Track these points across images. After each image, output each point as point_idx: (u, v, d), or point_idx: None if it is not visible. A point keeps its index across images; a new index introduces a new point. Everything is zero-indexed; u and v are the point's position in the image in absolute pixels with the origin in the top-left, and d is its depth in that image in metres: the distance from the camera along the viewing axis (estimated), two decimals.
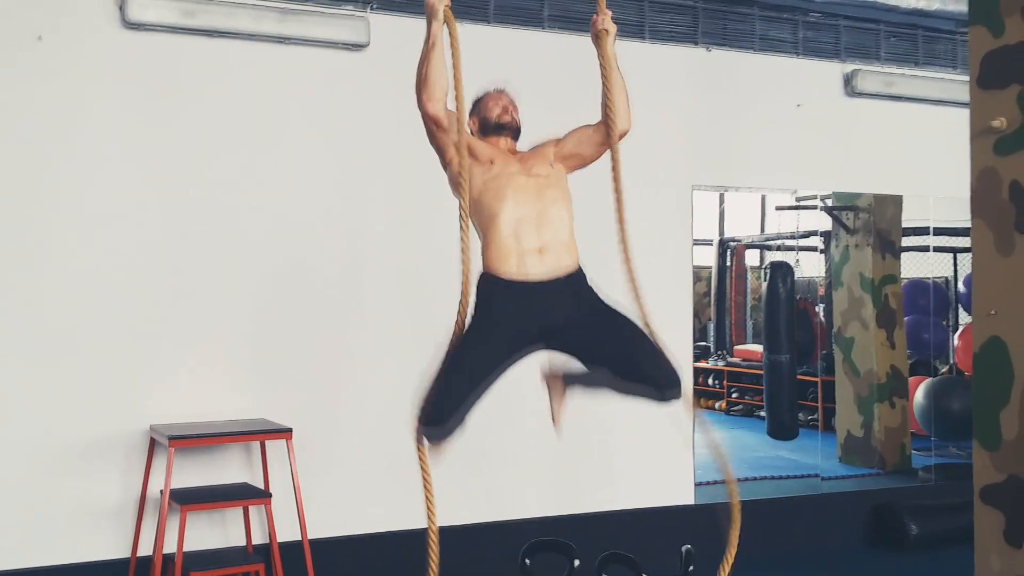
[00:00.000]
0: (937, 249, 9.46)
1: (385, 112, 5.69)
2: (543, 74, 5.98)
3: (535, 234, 3.31)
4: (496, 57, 5.06)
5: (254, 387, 5.45)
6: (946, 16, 7.04)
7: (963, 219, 4.49)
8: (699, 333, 13.12)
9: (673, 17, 6.61)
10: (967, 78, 7.34)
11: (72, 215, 5.11)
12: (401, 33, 5.78)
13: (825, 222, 8.91)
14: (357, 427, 5.65)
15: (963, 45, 7.40)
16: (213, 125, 5.38)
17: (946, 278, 10.19)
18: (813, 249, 10.32)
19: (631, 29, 6.48)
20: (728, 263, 13.85)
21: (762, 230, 13.07)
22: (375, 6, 5.78)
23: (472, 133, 3.48)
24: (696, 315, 7.60)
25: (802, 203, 9.38)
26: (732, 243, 13.67)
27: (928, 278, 9.61)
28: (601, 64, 3.45)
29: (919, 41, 7.30)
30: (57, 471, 5.03)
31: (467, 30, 4.37)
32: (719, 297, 13.76)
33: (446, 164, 3.44)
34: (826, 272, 9.62)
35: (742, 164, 6.83)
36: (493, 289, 3.29)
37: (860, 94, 7.06)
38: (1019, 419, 3.93)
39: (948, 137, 6.94)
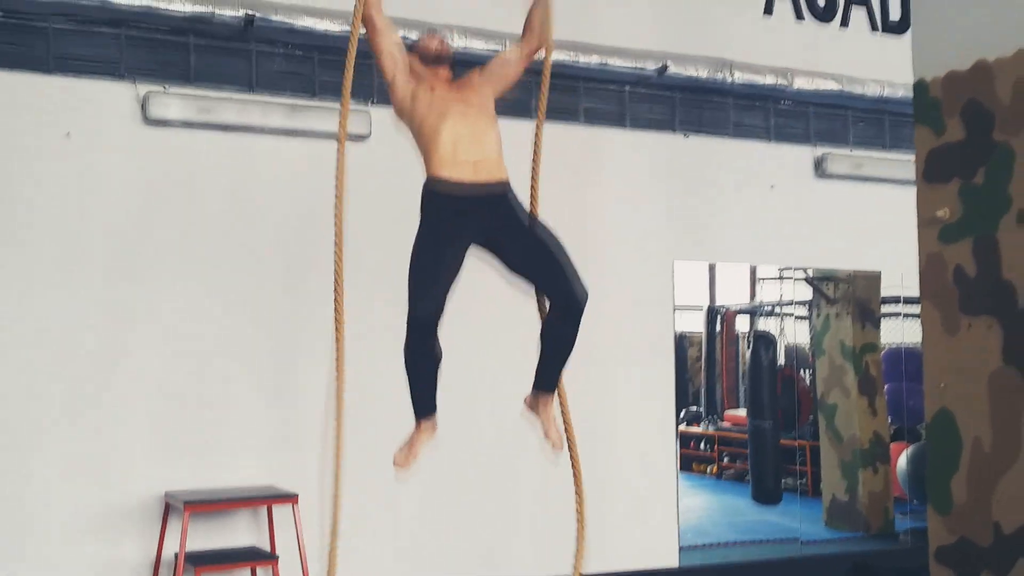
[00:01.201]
0: (908, 316, 9.77)
1: (385, 198, 6.06)
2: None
3: (470, 149, 3.74)
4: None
5: (263, 455, 5.74)
6: (910, 102, 7.41)
7: None
8: (691, 398, 13.36)
9: (652, 106, 7.03)
10: None
11: (95, 293, 5.45)
12: (399, 123, 6.19)
13: (809, 291, 9.24)
14: (361, 491, 5.91)
15: None
16: (226, 210, 5.75)
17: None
18: (803, 317, 10.64)
19: (613, 118, 6.90)
20: (718, 329, 14.15)
21: (752, 297, 13.39)
22: (375, 100, 6.19)
23: (411, 64, 3.92)
24: (689, 380, 7.90)
25: (784, 274, 9.74)
26: (721, 310, 13.98)
27: (904, 344, 9.91)
28: None
29: (885, 126, 7.72)
30: (79, 535, 5.30)
31: None
32: (709, 363, 14.02)
33: (390, 82, 3.90)
34: (810, 339, 9.93)
35: (721, 240, 7.20)
36: (436, 191, 3.75)
37: (830, 176, 7.45)
38: (967, 485, 4.21)
39: (910, 214, 7.32)
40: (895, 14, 7.96)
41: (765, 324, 12.15)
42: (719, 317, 14.05)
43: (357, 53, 6.12)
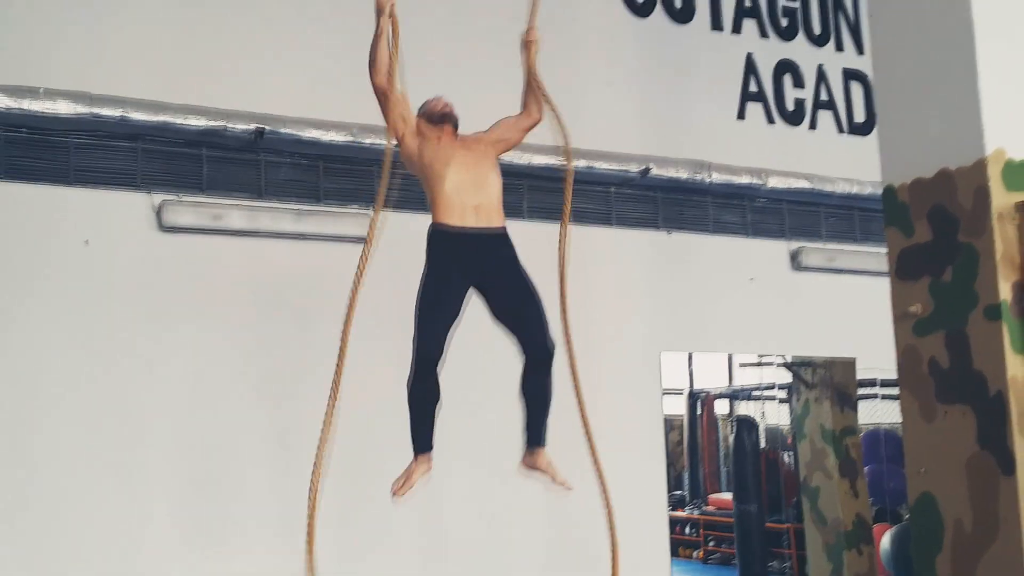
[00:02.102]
0: (886, 397, 10.03)
1: (387, 297, 6.29)
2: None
3: (473, 195, 4.04)
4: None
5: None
6: (878, 199, 7.82)
7: None
8: (675, 482, 13.48)
9: (637, 205, 7.37)
10: None
11: (111, 394, 5.62)
12: (400, 227, 6.47)
13: (788, 375, 9.50)
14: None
15: None
16: (237, 311, 5.96)
17: (897, 426, 10.71)
18: (783, 400, 10.87)
19: (600, 217, 7.22)
20: (699, 413, 14.34)
21: (730, 382, 13.64)
22: None
23: (418, 126, 4.25)
24: (671, 464, 8.09)
25: (764, 359, 10.01)
26: (702, 394, 14.20)
27: (882, 425, 10.14)
28: (528, 66, 4.24)
29: (855, 220, 8.09)
30: None
31: None
32: (692, 447, 14.18)
33: (399, 140, 4.20)
34: (791, 422, 10.14)
35: (704, 330, 7.47)
36: (441, 235, 4.07)
37: (806, 268, 7.79)
38: (951, 564, 4.40)
39: (885, 306, 7.64)
40: (859, 117, 8.42)
41: (746, 408, 12.40)
42: (700, 401, 14.29)
43: (356, 160, 6.47)
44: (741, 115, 7.92)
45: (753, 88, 8.03)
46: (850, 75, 8.50)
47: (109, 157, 5.78)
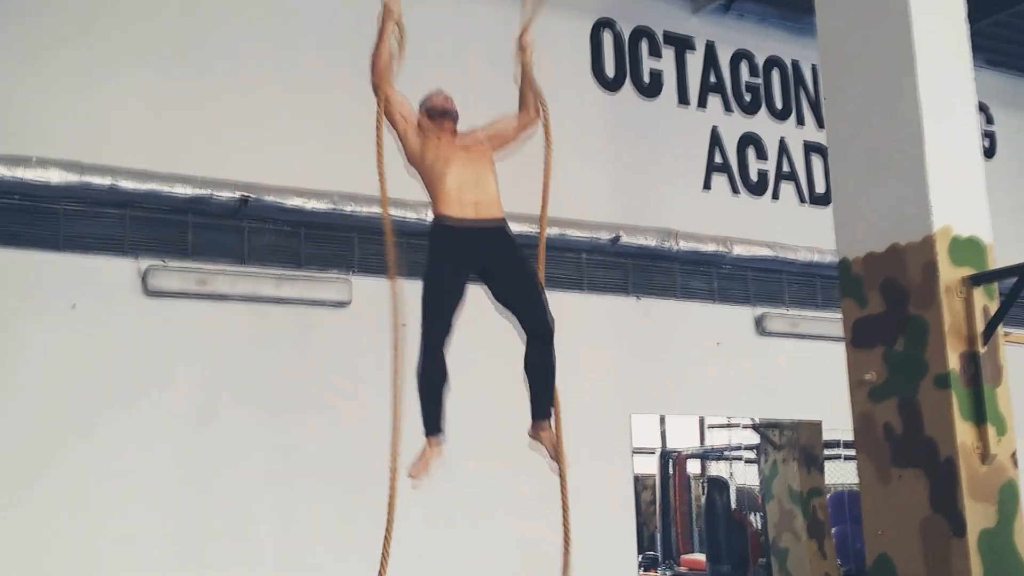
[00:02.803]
0: (849, 458, 10.19)
1: (366, 358, 6.44)
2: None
3: (472, 191, 4.20)
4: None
5: None
6: (836, 267, 8.11)
7: None
8: (647, 542, 13.50)
9: (607, 272, 7.58)
10: None
11: (102, 467, 5.69)
12: (378, 291, 6.64)
13: (756, 436, 9.65)
14: None
15: None
16: (218, 373, 6.08)
17: None
18: (751, 460, 11.00)
19: (572, 283, 7.42)
20: (671, 472, 14.41)
21: (701, 442, 13.75)
22: (356, 270, 6.65)
23: (420, 121, 4.35)
24: (644, 524, 8.18)
25: (732, 420, 10.16)
26: (674, 454, 14.28)
27: (848, 486, 10.29)
28: (523, 69, 4.40)
29: (817, 287, 8.35)
30: None
31: None
32: (664, 507, 14.22)
33: (402, 138, 4.33)
34: (759, 483, 10.27)
35: (673, 393, 7.64)
36: (443, 228, 4.19)
37: (770, 333, 8.01)
38: None
39: (843, 368, 7.87)
40: (820, 188, 8.73)
41: (716, 468, 12.50)
42: (671, 461, 14.38)
43: (337, 227, 6.64)
44: (707, 186, 8.20)
45: (718, 160, 8.33)
46: (810, 148, 8.82)
47: (98, 223, 5.93)
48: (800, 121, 8.84)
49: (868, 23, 5.15)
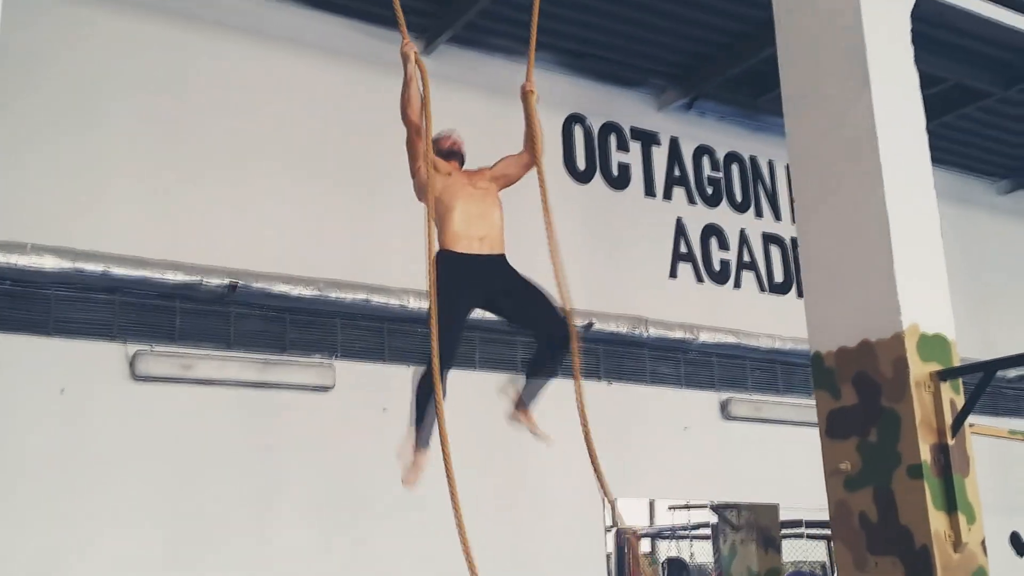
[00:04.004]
0: (811, 536, 10.37)
1: (348, 443, 6.48)
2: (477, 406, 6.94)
3: (479, 225, 4.46)
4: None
5: None
6: (797, 353, 8.40)
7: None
8: None
9: (580, 357, 7.73)
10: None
11: (88, 551, 5.61)
12: (360, 376, 6.75)
13: (714, 517, 9.79)
14: None
15: None
16: (204, 457, 6.07)
17: (823, 563, 11.04)
18: (705, 538, 11.10)
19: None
20: (626, 550, 14.43)
21: (651, 522, 13.85)
22: (339, 355, 6.73)
23: (434, 161, 4.57)
24: None
25: (692, 500, 10.29)
26: (629, 533, 14.31)
27: (805, 563, 10.43)
28: (527, 113, 4.69)
29: (778, 373, 8.61)
30: None
31: None
32: None
33: (414, 173, 4.54)
34: (715, 563, 10.37)
35: (642, 476, 7.76)
36: (449, 260, 4.39)
37: (734, 418, 8.22)
38: None
39: (808, 452, 8.08)
40: (778, 277, 9.06)
41: (676, 547, 12.58)
42: (627, 540, 14.42)
43: (321, 313, 6.73)
44: (673, 274, 8.46)
45: (683, 249, 8.62)
46: (769, 239, 9.17)
47: (88, 309, 5.95)
48: (759, 213, 9.19)
49: (834, 129, 5.47)
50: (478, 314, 7.07)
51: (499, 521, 6.81)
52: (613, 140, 8.54)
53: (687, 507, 10.44)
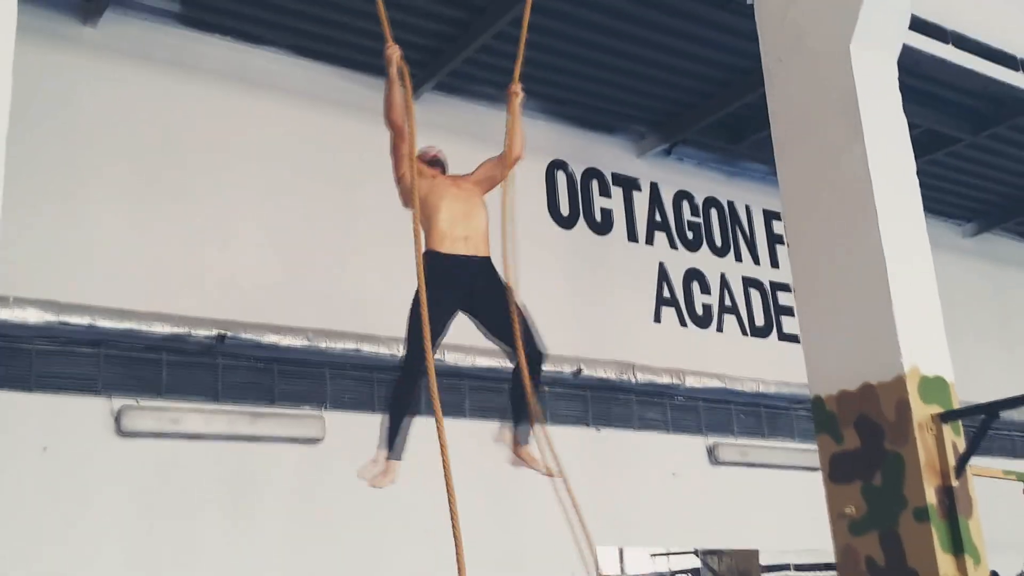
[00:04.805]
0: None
1: (338, 495, 6.34)
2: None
3: (463, 226, 4.52)
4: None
5: None
6: (782, 396, 8.45)
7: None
8: None
9: (569, 404, 7.69)
10: (804, 446, 8.63)
11: None
12: (350, 427, 6.62)
13: (696, 561, 9.76)
14: None
15: (798, 419, 8.78)
16: (192, 514, 5.89)
17: None
18: None
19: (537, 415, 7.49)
20: None
21: (621, 571, 13.76)
22: (328, 406, 6.61)
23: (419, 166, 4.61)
24: None
25: (676, 549, 10.25)
26: None
27: None
28: (512, 113, 4.82)
29: (762, 417, 8.62)
30: None
31: None
32: None
33: (399, 179, 4.58)
34: None
35: (632, 525, 7.69)
36: (435, 259, 4.43)
37: (722, 462, 8.19)
38: None
39: (795, 496, 8.10)
40: (759, 321, 9.11)
41: None
42: None
43: (310, 363, 6.63)
44: (657, 318, 8.47)
45: (667, 294, 8.64)
46: (748, 282, 9.23)
47: (71, 363, 5.80)
48: (738, 257, 9.26)
49: (828, 175, 5.52)
50: (467, 362, 7.09)
51: (481, 564, 6.69)
52: (595, 186, 8.58)
53: (667, 553, 10.40)
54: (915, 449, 4.83)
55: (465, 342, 7.01)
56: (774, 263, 9.49)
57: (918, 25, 6.04)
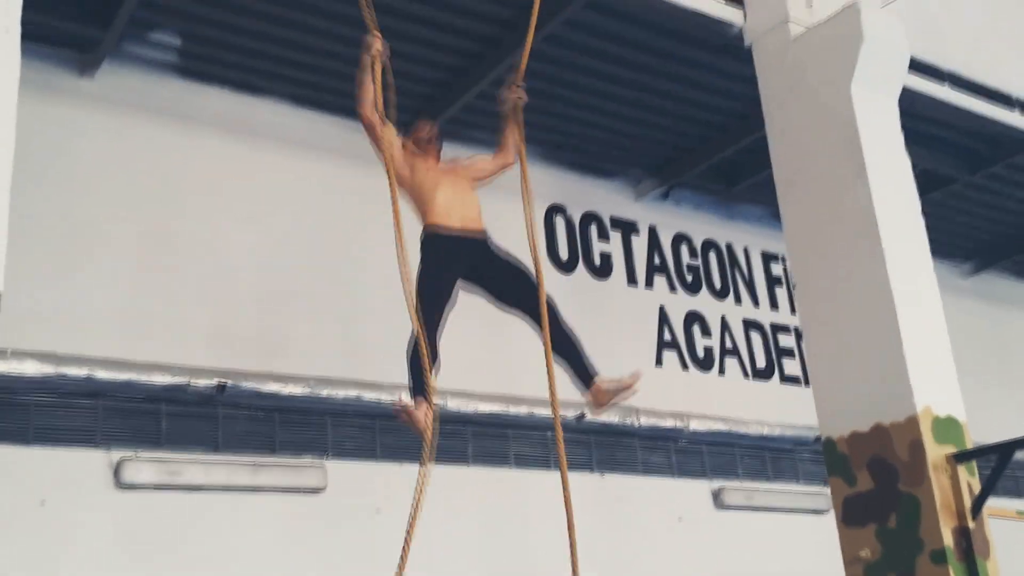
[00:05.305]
0: None
1: (342, 546, 6.21)
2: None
3: (459, 207, 4.75)
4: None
5: None
6: (786, 439, 8.37)
7: None
8: None
9: (572, 448, 7.56)
10: (809, 489, 8.53)
11: None
12: (353, 476, 6.52)
13: None
14: None
15: (802, 462, 8.69)
16: (192, 566, 5.76)
17: None
18: None
19: (539, 461, 7.40)
20: None
21: None
22: (331, 455, 6.50)
23: (405, 147, 4.91)
24: None
25: None
26: None
27: None
28: (509, 116, 5.03)
29: (767, 460, 8.53)
30: None
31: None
32: None
33: (388, 164, 4.64)
34: None
35: (640, 572, 7.56)
36: (435, 237, 4.69)
37: (727, 507, 8.08)
38: None
39: (802, 539, 7.99)
40: (760, 363, 9.06)
41: None
42: None
43: (311, 411, 6.54)
44: (659, 362, 8.41)
45: (668, 337, 8.59)
46: (749, 324, 9.19)
47: (70, 415, 5.70)
48: (738, 300, 9.23)
49: (833, 216, 5.53)
50: (469, 407, 7.01)
51: None
52: (594, 230, 8.57)
53: None
54: (931, 490, 4.79)
55: (467, 388, 6.98)
56: (773, 305, 9.46)
57: (914, 65, 6.08)
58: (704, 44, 7.05)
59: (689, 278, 9.00)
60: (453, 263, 4.68)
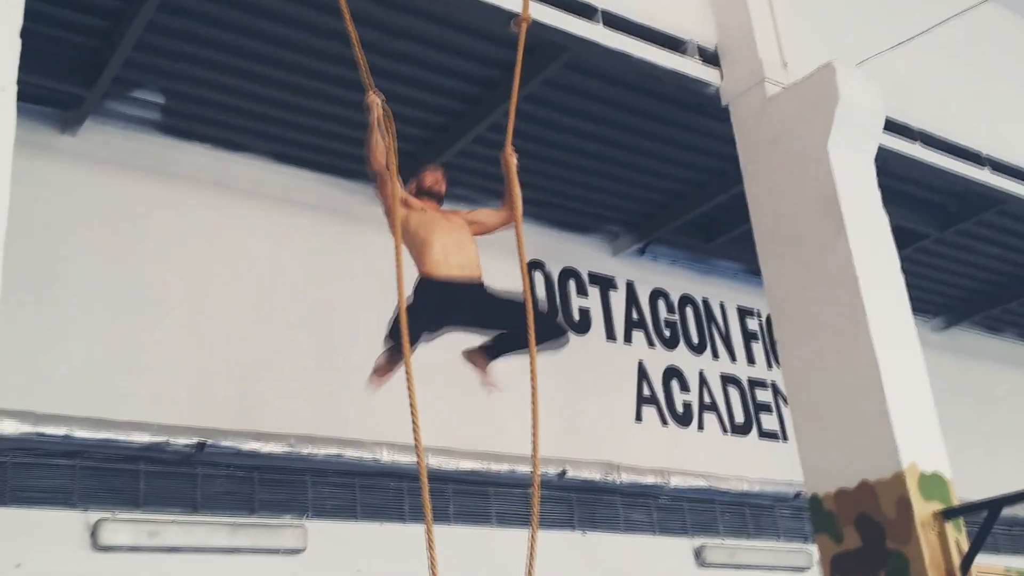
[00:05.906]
0: None
1: None
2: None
3: (456, 254, 4.82)
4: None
5: None
6: (765, 495, 8.38)
7: None
8: None
9: (553, 506, 7.52)
10: (790, 546, 8.51)
11: None
12: (333, 536, 6.42)
13: None
14: None
15: (782, 518, 8.68)
16: None
17: None
18: None
19: (521, 520, 7.32)
20: None
21: None
22: (311, 515, 6.40)
23: (410, 191, 5.05)
24: None
25: None
26: None
27: None
28: (508, 173, 5.11)
29: (747, 516, 8.51)
30: None
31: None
32: None
33: (387, 213, 4.77)
34: None
35: None
36: (430, 284, 4.74)
37: (709, 565, 8.03)
38: None
39: None
40: (739, 418, 9.09)
41: None
42: None
43: (291, 470, 6.45)
44: (639, 417, 8.41)
45: (647, 392, 8.60)
46: (727, 379, 9.23)
47: (47, 475, 5.58)
48: (715, 355, 9.28)
49: (813, 273, 5.61)
50: (451, 465, 6.95)
51: None
52: (572, 285, 8.61)
53: None
54: (919, 548, 4.80)
55: (449, 445, 6.93)
56: (750, 360, 9.52)
57: (886, 124, 6.23)
58: (682, 103, 7.20)
59: (667, 333, 9.05)
60: (446, 309, 4.77)
